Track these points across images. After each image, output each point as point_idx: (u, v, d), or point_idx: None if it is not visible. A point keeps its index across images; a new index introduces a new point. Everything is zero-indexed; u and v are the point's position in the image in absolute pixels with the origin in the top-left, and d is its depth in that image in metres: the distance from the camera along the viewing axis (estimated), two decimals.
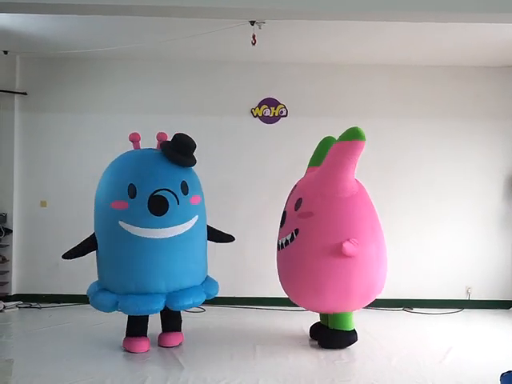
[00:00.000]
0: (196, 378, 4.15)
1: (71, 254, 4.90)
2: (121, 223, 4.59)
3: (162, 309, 4.61)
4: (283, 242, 4.95)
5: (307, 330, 5.46)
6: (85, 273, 6.75)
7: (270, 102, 6.86)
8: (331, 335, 4.98)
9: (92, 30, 5.74)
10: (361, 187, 4.97)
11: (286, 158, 6.76)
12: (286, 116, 6.87)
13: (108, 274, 4.84)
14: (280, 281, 5.10)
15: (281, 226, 5.11)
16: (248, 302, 6.61)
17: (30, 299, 6.68)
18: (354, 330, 5.00)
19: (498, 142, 6.91)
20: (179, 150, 4.78)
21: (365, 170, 5.21)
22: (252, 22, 5.25)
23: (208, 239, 5.12)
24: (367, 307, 5.18)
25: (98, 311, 4.93)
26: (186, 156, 4.84)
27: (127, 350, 4.81)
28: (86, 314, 6.14)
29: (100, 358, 4.60)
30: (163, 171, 4.73)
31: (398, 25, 5.21)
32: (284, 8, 4.26)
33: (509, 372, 3.44)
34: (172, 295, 4.61)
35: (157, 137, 5.13)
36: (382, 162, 6.67)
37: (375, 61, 6.76)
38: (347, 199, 4.76)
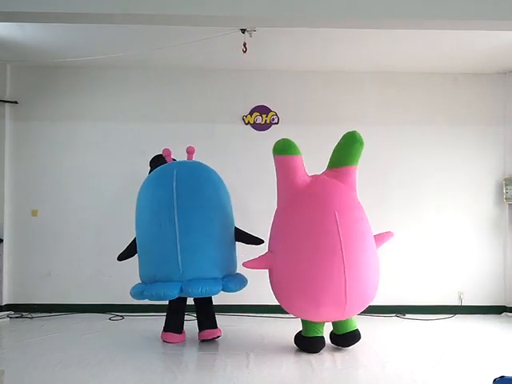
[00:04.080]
0: None
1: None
2: None
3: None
4: None
5: None
6: (76, 282, 6.77)
7: (262, 110, 6.88)
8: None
9: (83, 38, 5.76)
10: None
11: None
12: (277, 123, 6.88)
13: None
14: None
15: None
16: (241, 310, 6.60)
17: (22, 309, 6.63)
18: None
19: (488, 148, 6.96)
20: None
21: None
22: (243, 30, 5.29)
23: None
24: (360, 314, 5.18)
25: (89, 320, 5.27)
26: None
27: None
28: (79, 324, 6.12)
29: (93, 368, 4.56)
30: None
31: (389, 32, 5.27)
32: (274, 16, 4.29)
33: (501, 377, 3.45)
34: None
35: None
36: (374, 169, 6.69)
37: (366, 68, 6.80)
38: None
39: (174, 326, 5.47)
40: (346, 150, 5.02)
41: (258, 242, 5.57)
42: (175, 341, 5.41)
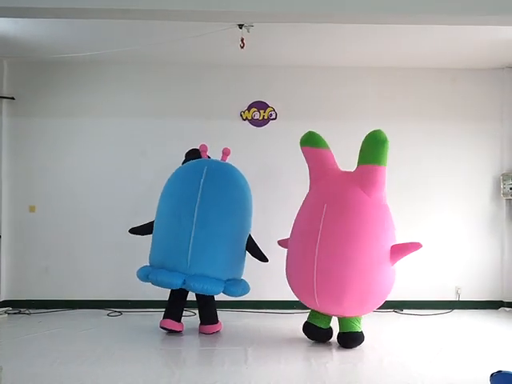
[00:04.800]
0: (187, 383, 4.13)
1: None
2: None
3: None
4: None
5: (298, 333, 5.47)
6: (74, 278, 6.77)
7: (260, 105, 6.87)
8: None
9: (81, 33, 5.73)
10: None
11: (275, 161, 6.77)
12: (275, 119, 6.88)
13: None
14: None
15: None
16: (240, 305, 6.60)
17: (20, 305, 6.62)
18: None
19: (486, 143, 6.96)
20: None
21: None
22: (240, 26, 5.26)
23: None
24: None
25: (87, 316, 5.33)
26: None
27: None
28: (76, 320, 6.12)
29: (91, 364, 4.56)
30: None
31: (386, 27, 5.25)
32: (272, 11, 4.27)
33: (498, 372, 3.46)
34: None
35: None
36: None
37: (364, 63, 6.79)
38: None
39: (172, 313, 5.58)
40: (366, 149, 5.03)
41: (263, 259, 5.72)
42: (172, 327, 5.52)
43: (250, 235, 5.71)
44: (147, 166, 6.73)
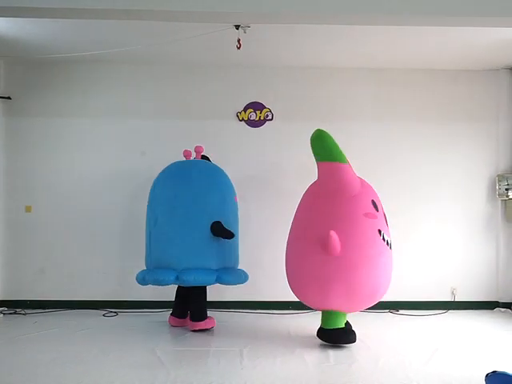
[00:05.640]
0: (182, 383, 4.13)
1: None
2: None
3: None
4: (390, 242, 5.19)
5: (293, 334, 5.51)
6: (70, 278, 6.75)
7: (256, 106, 6.88)
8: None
9: (77, 33, 5.73)
10: None
11: (271, 162, 6.78)
12: (271, 120, 6.88)
13: None
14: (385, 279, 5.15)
15: (387, 225, 5.25)
16: (235, 306, 6.61)
17: (15, 305, 6.60)
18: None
19: (481, 145, 6.99)
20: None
21: None
22: (237, 27, 5.28)
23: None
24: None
25: (83, 317, 5.37)
26: None
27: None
28: (72, 320, 6.11)
29: (86, 364, 4.56)
30: None
31: (382, 28, 5.27)
32: (269, 12, 4.29)
33: (493, 372, 3.47)
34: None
35: (196, 149, 6.05)
36: (367, 165, 6.67)
37: (361, 65, 6.81)
38: None
39: (176, 310, 5.90)
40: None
41: (228, 235, 5.64)
42: (175, 324, 5.86)
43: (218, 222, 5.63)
44: (143, 166, 6.71)
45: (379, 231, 4.98)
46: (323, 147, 4.93)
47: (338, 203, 5.01)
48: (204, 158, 6.17)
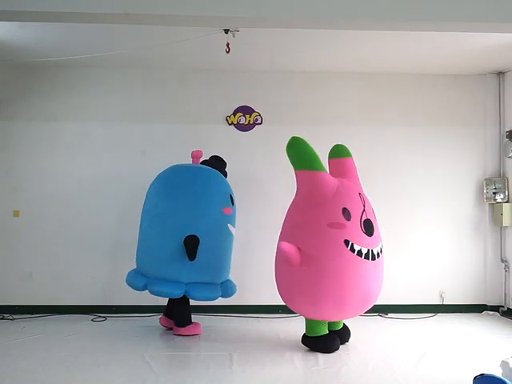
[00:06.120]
0: None
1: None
2: (229, 226, 5.72)
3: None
4: (376, 253, 4.96)
5: (283, 338, 5.51)
6: (58, 283, 6.71)
7: (245, 110, 6.89)
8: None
9: (66, 37, 5.71)
10: None
11: (260, 166, 6.79)
12: (260, 124, 6.89)
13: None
14: (371, 291, 5.00)
15: (368, 235, 4.94)
16: (223, 310, 6.59)
17: (3, 310, 6.54)
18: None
19: (469, 149, 7.04)
20: (223, 166, 6.11)
21: None
22: (226, 31, 5.29)
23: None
24: None
25: (71, 321, 5.27)
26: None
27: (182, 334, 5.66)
28: (60, 325, 6.07)
29: (74, 369, 4.53)
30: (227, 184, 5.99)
31: (371, 33, 5.29)
32: (258, 16, 4.29)
33: (481, 375, 3.49)
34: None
35: (192, 154, 6.03)
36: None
37: (350, 69, 6.84)
38: None
39: (167, 310, 5.92)
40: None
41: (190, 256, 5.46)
42: (165, 324, 5.92)
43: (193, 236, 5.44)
44: (132, 171, 6.70)
45: (346, 241, 4.78)
46: (295, 155, 4.99)
47: (303, 213, 4.99)
48: (214, 160, 6.06)
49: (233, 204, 5.80)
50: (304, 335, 5.17)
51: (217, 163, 6.00)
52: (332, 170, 5.31)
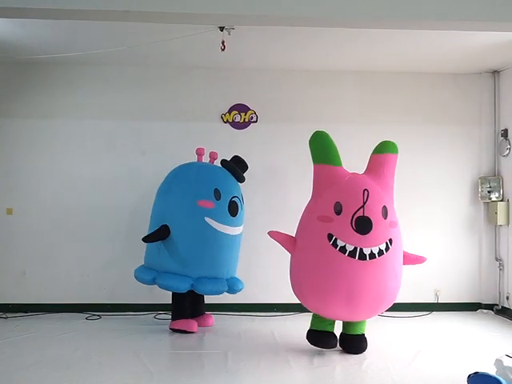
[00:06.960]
0: None
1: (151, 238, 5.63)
2: (207, 219, 5.54)
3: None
4: (376, 252, 4.67)
5: (278, 336, 5.51)
6: (52, 281, 6.68)
7: (241, 108, 6.87)
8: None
9: (60, 34, 5.68)
10: None
11: (256, 164, 6.76)
12: (256, 122, 6.88)
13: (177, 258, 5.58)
14: (357, 291, 4.71)
15: (360, 232, 4.67)
16: (218, 309, 6.57)
17: None
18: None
19: (464, 148, 7.05)
20: (241, 168, 6.05)
21: None
22: (221, 28, 5.26)
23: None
24: None
25: (65, 320, 5.19)
26: (243, 174, 6.07)
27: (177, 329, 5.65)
28: (54, 324, 6.04)
29: (68, 368, 4.51)
30: (233, 183, 5.91)
31: (367, 32, 5.29)
32: (253, 14, 4.28)
33: (475, 373, 3.50)
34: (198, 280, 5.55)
35: (210, 155, 6.08)
36: (352, 168, 6.71)
37: (345, 67, 6.83)
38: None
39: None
40: None
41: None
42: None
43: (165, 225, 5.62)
44: (126, 169, 6.68)
45: (329, 235, 4.67)
46: (312, 150, 5.07)
47: (307, 205, 5.11)
48: (235, 161, 6.09)
49: (218, 199, 5.65)
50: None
51: (237, 165, 6.04)
52: (368, 166, 5.32)
